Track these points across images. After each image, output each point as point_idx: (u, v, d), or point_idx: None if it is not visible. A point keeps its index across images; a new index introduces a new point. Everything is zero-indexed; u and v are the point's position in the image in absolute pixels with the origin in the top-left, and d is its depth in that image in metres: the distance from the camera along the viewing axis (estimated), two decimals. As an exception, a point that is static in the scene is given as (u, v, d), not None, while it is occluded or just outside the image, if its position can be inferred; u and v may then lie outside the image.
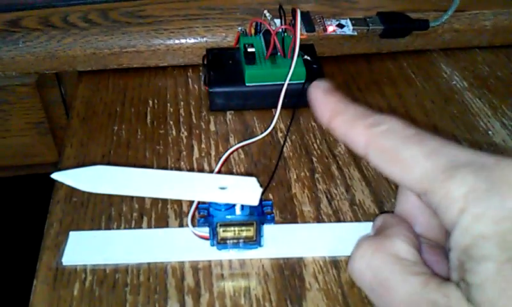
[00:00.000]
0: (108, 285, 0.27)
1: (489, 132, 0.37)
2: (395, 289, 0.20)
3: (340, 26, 0.41)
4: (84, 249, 0.28)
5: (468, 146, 0.20)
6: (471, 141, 0.36)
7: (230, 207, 0.27)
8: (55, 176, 0.26)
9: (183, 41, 0.41)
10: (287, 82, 0.34)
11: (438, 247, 0.23)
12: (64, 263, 0.28)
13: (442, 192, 0.19)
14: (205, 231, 0.28)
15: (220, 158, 0.33)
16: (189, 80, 0.41)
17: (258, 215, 0.27)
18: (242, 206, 0.27)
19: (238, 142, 0.35)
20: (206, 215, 0.27)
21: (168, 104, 0.39)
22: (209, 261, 0.28)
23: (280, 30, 0.38)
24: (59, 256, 0.28)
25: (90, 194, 0.31)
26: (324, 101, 0.24)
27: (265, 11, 0.39)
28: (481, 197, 0.18)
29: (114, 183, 0.26)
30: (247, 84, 0.37)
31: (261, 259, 0.28)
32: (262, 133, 0.34)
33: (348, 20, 0.41)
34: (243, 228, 0.27)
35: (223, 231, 0.27)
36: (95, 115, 0.38)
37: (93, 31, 0.40)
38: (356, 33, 0.41)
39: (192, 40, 0.41)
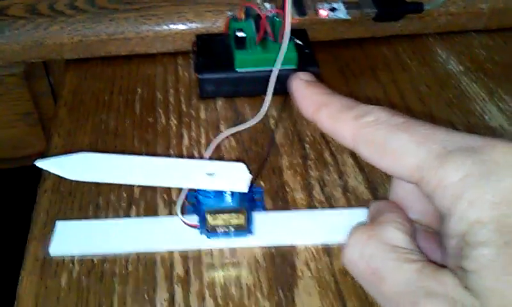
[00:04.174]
0: (96, 275, 0.26)
1: (486, 117, 0.36)
2: (389, 277, 0.19)
3: (333, 10, 0.40)
4: (72, 239, 0.28)
5: (458, 130, 0.20)
6: (467, 126, 0.35)
7: (219, 194, 0.26)
8: (39, 163, 0.25)
9: (172, 27, 0.40)
10: (277, 67, 0.33)
11: (433, 233, 0.23)
12: (51, 254, 0.27)
13: (436, 180, 0.18)
14: (194, 219, 0.27)
15: (210, 145, 0.32)
16: (179, 67, 0.40)
17: (248, 202, 0.26)
18: (232, 194, 0.26)
19: (228, 129, 0.34)
20: (195, 202, 0.26)
21: (157, 92, 0.38)
22: (199, 250, 0.27)
23: (271, 14, 0.37)
24: (47, 246, 0.27)
25: (77, 183, 0.31)
26: (307, 93, 0.23)
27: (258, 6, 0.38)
28: (476, 182, 0.18)
29: (100, 171, 0.25)
30: (237, 70, 0.36)
31: (252, 248, 0.27)
32: (252, 119, 0.33)
33: (341, 3, 0.41)
34: (233, 215, 0.26)
35: (212, 219, 0.26)
36: (82, 104, 0.37)
37: (80, 17, 0.39)
38: (349, 17, 0.40)
39: (182, 26, 0.40)
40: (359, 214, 0.28)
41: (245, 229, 0.27)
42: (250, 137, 0.34)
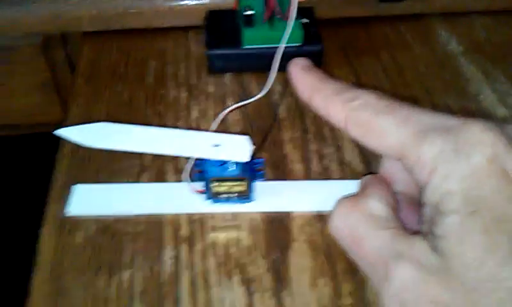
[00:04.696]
0: (108, 234, 0.29)
1: (480, 97, 0.38)
2: (367, 243, 0.22)
3: (339, -12, 0.41)
4: (88, 201, 0.30)
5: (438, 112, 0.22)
6: (460, 106, 0.37)
7: (224, 163, 0.28)
8: (59, 132, 0.28)
9: (185, 2, 0.42)
10: (282, 45, 0.35)
11: (416, 204, 0.25)
12: (68, 214, 0.30)
13: (414, 156, 0.21)
14: (200, 185, 0.29)
15: (216, 119, 0.34)
16: (190, 41, 0.42)
17: (250, 172, 0.28)
18: (236, 163, 0.28)
19: (234, 103, 0.36)
20: (201, 170, 0.29)
21: (169, 66, 0.40)
22: (204, 213, 0.30)
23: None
24: (65, 207, 0.30)
25: (93, 150, 0.33)
26: (303, 78, 0.25)
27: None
28: (448, 158, 0.20)
29: (115, 140, 0.27)
30: (245, 46, 0.38)
31: (252, 213, 0.30)
32: (257, 94, 0.35)
33: (346, -18, 0.42)
34: (235, 183, 0.29)
35: (217, 186, 0.29)
36: (98, 75, 0.39)
37: (97, -8, 0.41)
38: (353, -6, 0.41)
39: (194, 1, 0.42)
40: (351, 185, 0.30)
41: (246, 196, 0.29)
42: (255, 110, 0.36)
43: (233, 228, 0.29)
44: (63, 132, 0.27)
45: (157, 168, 0.32)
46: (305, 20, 0.39)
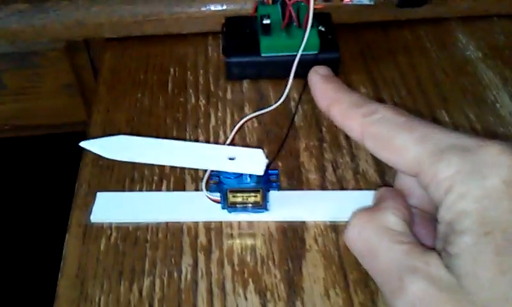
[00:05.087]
0: (130, 241, 0.30)
1: (497, 105, 0.37)
2: (381, 256, 0.23)
3: (357, -5, 0.42)
4: (110, 208, 0.32)
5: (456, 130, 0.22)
6: (478, 114, 0.37)
7: (239, 175, 0.29)
8: (83, 144, 0.29)
9: (203, 9, 0.42)
10: (299, 54, 0.35)
11: (430, 219, 0.25)
12: (92, 221, 0.31)
13: (431, 174, 0.21)
14: (217, 195, 0.30)
15: (234, 127, 0.35)
16: (209, 47, 0.43)
17: (264, 183, 0.29)
18: (251, 175, 0.29)
19: (252, 112, 0.37)
20: (218, 181, 0.30)
21: (188, 72, 0.41)
22: (220, 222, 0.31)
23: (297, 0, 0.39)
24: (88, 214, 0.31)
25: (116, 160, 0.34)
26: (322, 88, 0.26)
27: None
28: (464, 178, 0.20)
29: (135, 152, 0.29)
30: (262, 55, 0.39)
31: (267, 222, 0.31)
32: (274, 103, 0.36)
33: (365, -12, 0.42)
34: (251, 193, 0.30)
35: (233, 196, 0.30)
36: (119, 82, 0.40)
37: None
38: (373, 2, 0.41)
39: (213, 8, 0.42)
40: (365, 196, 0.31)
41: (261, 206, 0.30)
42: (271, 118, 0.37)
43: (249, 237, 0.30)
44: (86, 145, 0.29)
45: (176, 177, 0.33)
46: (322, 28, 0.39)
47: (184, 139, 0.36)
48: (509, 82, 0.39)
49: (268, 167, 0.29)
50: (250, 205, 0.30)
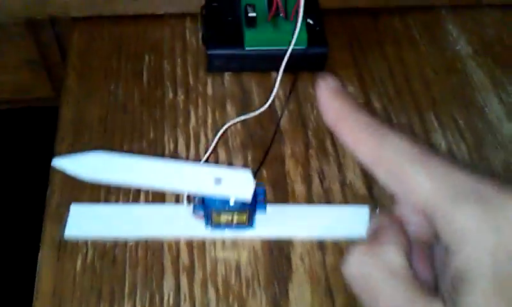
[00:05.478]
0: (108, 260, 0.29)
1: (485, 109, 0.37)
2: (384, 299, 0.22)
3: (347, -19, 0.39)
4: (85, 222, 0.30)
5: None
6: (466, 118, 0.36)
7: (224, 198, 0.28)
8: (55, 163, 0.26)
9: (181, -11, 0.39)
10: (287, 54, 0.33)
11: (426, 250, 0.25)
12: (66, 238, 0.29)
13: (445, 219, 0.20)
14: (200, 213, 0.29)
15: (216, 133, 0.33)
16: (187, 31, 0.40)
17: (251, 205, 0.28)
18: (236, 194, 0.28)
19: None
20: (201, 201, 0.28)
21: (165, 61, 0.38)
22: (203, 239, 0.29)
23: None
24: (62, 227, 0.29)
25: (89, 162, 0.32)
26: (332, 103, 0.23)
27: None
28: (482, 230, 0.20)
29: (111, 172, 0.26)
30: (246, 48, 0.36)
31: (252, 239, 0.30)
32: (259, 108, 0.33)
33: (355, -26, 0.39)
34: (236, 214, 0.28)
35: (217, 216, 0.28)
36: (90, 70, 0.37)
37: (87, -25, 0.38)
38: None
39: (191, -12, 0.39)
40: (353, 211, 0.30)
41: (246, 224, 0.29)
42: (255, 119, 0.35)
43: (233, 256, 0.29)
44: (58, 164, 0.26)
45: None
46: (310, 21, 0.37)
47: (163, 144, 0.34)
48: (498, 83, 0.38)
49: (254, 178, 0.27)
50: (235, 223, 0.29)
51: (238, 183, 0.27)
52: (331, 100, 0.24)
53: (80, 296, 0.27)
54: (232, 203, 0.27)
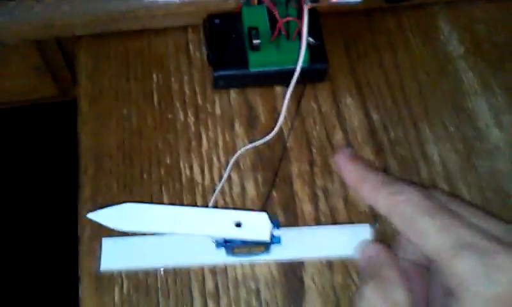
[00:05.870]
0: (142, 290, 0.32)
1: (475, 115, 0.39)
2: None
3: (345, -9, 0.40)
4: (118, 255, 0.33)
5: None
6: (457, 125, 0.39)
7: (244, 232, 0.31)
8: (90, 216, 0.29)
9: (182, 3, 0.40)
10: (292, 84, 0.35)
11: (422, 271, 0.29)
12: (102, 271, 0.33)
13: (448, 266, 0.24)
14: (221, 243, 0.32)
15: (228, 161, 0.36)
16: (190, 44, 0.41)
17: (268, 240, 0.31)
18: (254, 229, 0.31)
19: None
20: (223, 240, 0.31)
21: (172, 79, 0.40)
22: (225, 265, 0.33)
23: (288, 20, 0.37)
24: (96, 261, 0.33)
25: (114, 194, 0.35)
26: (351, 169, 0.29)
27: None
28: (478, 279, 0.24)
29: (141, 222, 0.30)
30: (251, 70, 0.38)
31: (268, 262, 0.33)
32: (267, 135, 0.35)
33: (353, -17, 0.40)
34: (255, 247, 0.32)
35: (238, 249, 0.32)
36: (101, 94, 0.39)
37: (89, -3, 0.38)
38: (360, 0, 0.40)
39: (193, 5, 0.40)
40: (357, 231, 0.34)
41: (263, 251, 0.33)
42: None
43: (253, 281, 0.33)
44: (94, 217, 0.29)
45: (178, 220, 0.34)
46: (311, 39, 0.38)
47: (179, 169, 0.36)
48: (489, 87, 0.40)
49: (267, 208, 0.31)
50: (253, 252, 0.32)
51: (256, 226, 0.30)
52: (351, 167, 0.29)
53: (121, 325, 0.31)
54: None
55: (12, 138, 0.75)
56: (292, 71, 0.35)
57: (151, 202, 0.34)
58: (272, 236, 0.32)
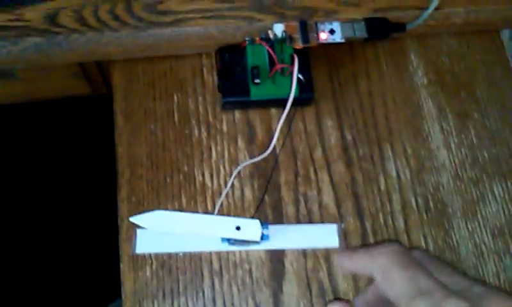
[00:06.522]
0: (166, 268, 0.44)
1: (429, 138, 0.50)
2: None
3: (332, 32, 0.49)
4: (148, 241, 0.45)
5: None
6: (414, 147, 0.49)
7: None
8: (132, 219, 0.41)
9: (199, 36, 0.49)
10: (285, 112, 0.45)
11: None
12: (137, 253, 0.44)
13: None
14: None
15: (232, 173, 0.46)
16: (204, 69, 0.51)
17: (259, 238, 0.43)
18: (249, 229, 0.42)
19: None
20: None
21: (189, 100, 0.50)
22: (227, 251, 0.45)
23: (281, 35, 0.46)
24: (132, 246, 0.44)
25: (144, 193, 0.46)
26: (351, 264, 0.32)
27: (270, 31, 0.47)
28: None
29: (170, 225, 0.41)
30: (252, 98, 0.48)
31: (259, 251, 0.45)
32: (263, 152, 0.46)
33: (337, 23, 0.49)
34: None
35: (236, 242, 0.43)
36: (133, 111, 0.49)
37: (124, 32, 0.48)
38: (344, 40, 0.49)
39: (207, 40, 0.49)
40: (327, 228, 0.45)
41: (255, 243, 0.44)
42: (259, 153, 0.48)
43: (247, 264, 0.45)
44: (134, 220, 0.41)
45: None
46: (300, 76, 0.48)
47: (194, 176, 0.47)
48: (444, 113, 0.50)
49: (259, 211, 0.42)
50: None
51: (251, 229, 0.41)
52: (349, 262, 0.32)
53: (151, 294, 0.44)
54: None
55: (52, 128, 0.87)
56: (285, 99, 0.45)
57: (174, 207, 0.46)
58: (263, 235, 0.43)
